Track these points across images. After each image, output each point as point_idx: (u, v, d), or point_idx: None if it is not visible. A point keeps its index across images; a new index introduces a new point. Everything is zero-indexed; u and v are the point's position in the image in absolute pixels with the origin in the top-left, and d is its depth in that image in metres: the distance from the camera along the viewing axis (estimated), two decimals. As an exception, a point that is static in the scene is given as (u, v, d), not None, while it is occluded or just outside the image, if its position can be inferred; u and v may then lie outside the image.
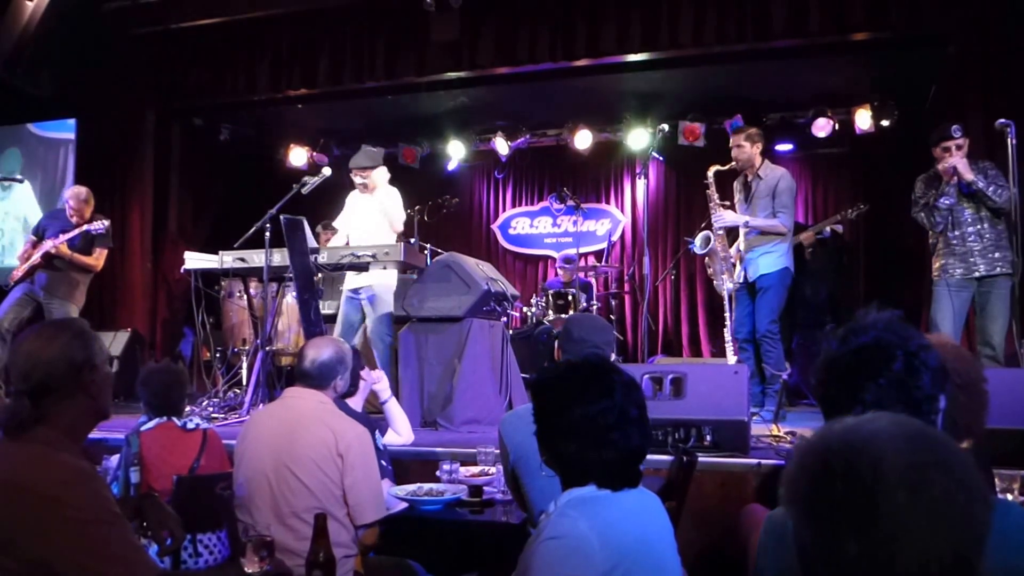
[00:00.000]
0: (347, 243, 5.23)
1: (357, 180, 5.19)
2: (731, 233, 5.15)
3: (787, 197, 4.89)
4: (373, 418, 3.45)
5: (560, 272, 7.41)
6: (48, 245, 5.52)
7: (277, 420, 2.55)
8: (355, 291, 5.06)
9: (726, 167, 5.14)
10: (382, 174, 5.22)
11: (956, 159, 4.26)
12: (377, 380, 3.50)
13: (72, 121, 7.32)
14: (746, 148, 5.00)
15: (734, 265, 5.07)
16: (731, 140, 5.13)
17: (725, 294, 5.06)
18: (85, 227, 5.52)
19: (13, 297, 5.64)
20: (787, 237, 4.92)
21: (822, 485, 0.86)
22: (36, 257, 5.56)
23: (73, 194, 5.71)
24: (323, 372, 2.61)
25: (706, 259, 5.27)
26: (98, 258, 5.68)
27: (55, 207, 6.58)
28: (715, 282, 5.22)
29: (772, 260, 4.88)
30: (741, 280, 5.00)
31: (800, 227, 6.38)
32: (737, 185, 5.18)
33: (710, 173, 5.15)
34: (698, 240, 5.20)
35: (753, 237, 4.98)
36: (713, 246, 5.11)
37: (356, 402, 3.24)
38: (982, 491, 0.86)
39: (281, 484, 2.40)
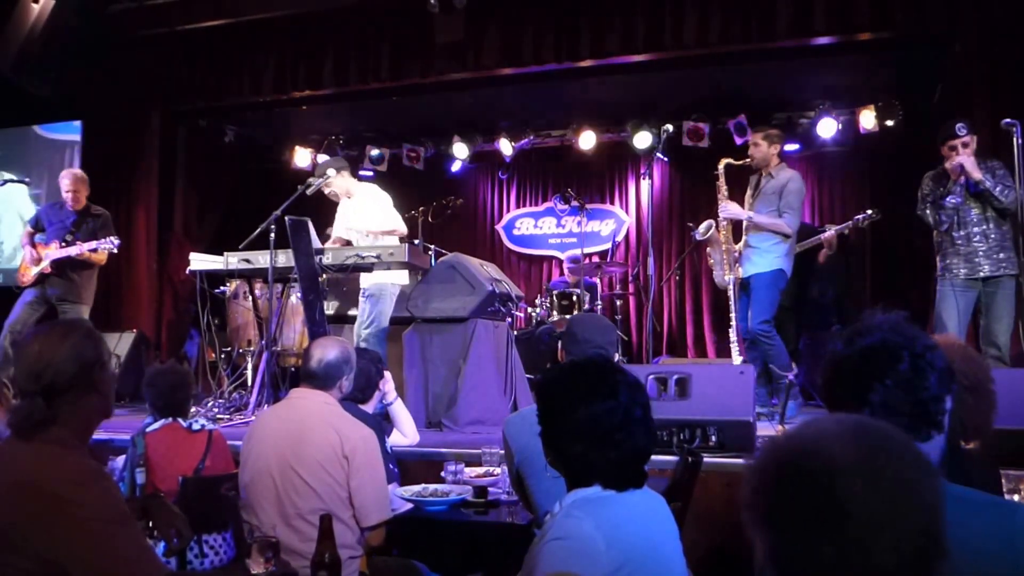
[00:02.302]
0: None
1: (326, 191, 5.15)
2: (738, 230, 5.15)
3: (794, 198, 4.87)
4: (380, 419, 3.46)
5: (567, 274, 7.40)
6: (69, 251, 5.47)
7: (283, 421, 2.55)
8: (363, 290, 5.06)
9: (738, 162, 5.14)
10: (344, 180, 5.08)
11: (964, 157, 4.24)
12: (384, 383, 3.51)
13: (78, 123, 7.34)
14: (763, 147, 5.00)
15: (736, 259, 5.07)
16: (751, 138, 5.14)
17: (729, 287, 5.06)
18: (97, 244, 5.48)
19: (25, 300, 5.57)
20: (788, 240, 4.90)
21: (782, 498, 0.87)
22: (46, 264, 5.50)
23: (69, 174, 5.65)
24: (329, 372, 2.61)
25: (708, 249, 5.27)
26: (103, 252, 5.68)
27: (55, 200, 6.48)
28: (714, 272, 5.24)
29: (768, 260, 4.86)
30: (740, 276, 5.00)
31: (806, 229, 6.37)
32: (751, 182, 5.18)
33: (721, 165, 5.17)
34: (701, 227, 5.22)
35: (752, 234, 4.97)
36: (713, 234, 5.12)
37: (368, 406, 3.25)
38: (929, 465, 0.88)
39: (286, 485, 2.40)
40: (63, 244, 5.55)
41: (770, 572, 0.90)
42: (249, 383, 5.36)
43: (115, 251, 5.61)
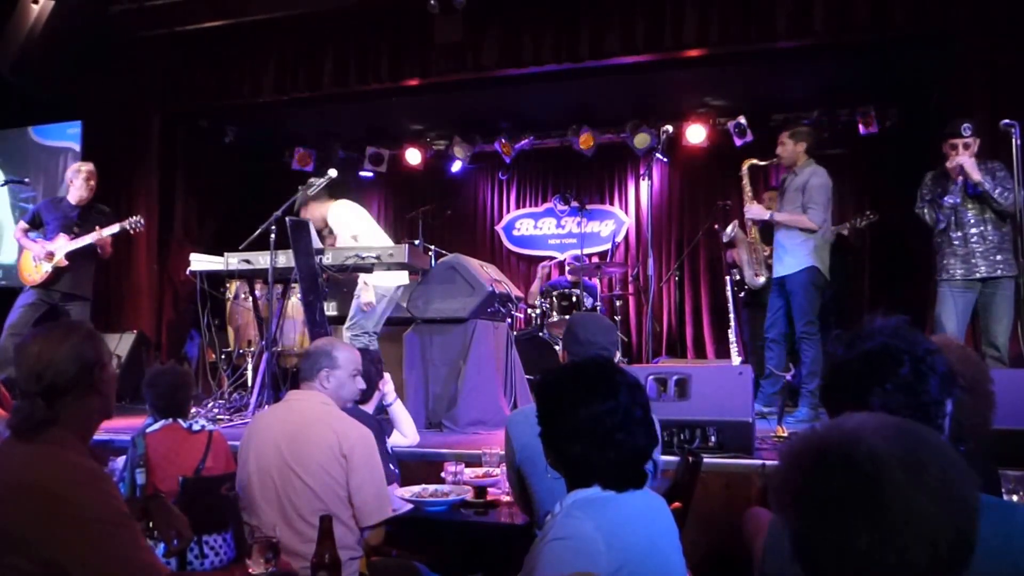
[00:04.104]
0: None
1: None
2: (770, 231, 5.15)
3: (818, 193, 4.82)
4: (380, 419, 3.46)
5: (568, 271, 7.39)
6: (86, 239, 5.39)
7: (281, 423, 2.55)
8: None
9: (763, 162, 5.14)
10: (315, 210, 4.97)
11: (964, 158, 4.24)
12: (384, 383, 3.51)
13: (73, 131, 7.31)
14: (788, 145, 4.99)
15: (766, 259, 5.08)
16: (779, 138, 5.14)
17: (728, 289, 5.09)
18: (120, 225, 5.48)
19: (26, 301, 5.46)
20: (816, 235, 4.84)
21: (822, 482, 0.87)
22: (60, 257, 5.39)
23: (86, 166, 5.58)
24: (306, 366, 2.67)
25: (738, 249, 5.28)
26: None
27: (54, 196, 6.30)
28: (745, 272, 5.25)
29: (797, 259, 4.84)
30: (773, 276, 5.01)
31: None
32: (780, 182, 5.21)
33: (745, 166, 5.18)
34: (728, 228, 5.25)
35: (780, 234, 4.96)
36: (737, 234, 5.14)
37: (367, 406, 3.26)
38: (968, 469, 0.88)
39: (287, 486, 2.41)
40: (72, 237, 5.45)
41: (792, 558, 0.89)
42: (249, 384, 5.36)
43: (141, 230, 5.58)
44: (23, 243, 5.59)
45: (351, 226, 4.98)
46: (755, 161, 5.17)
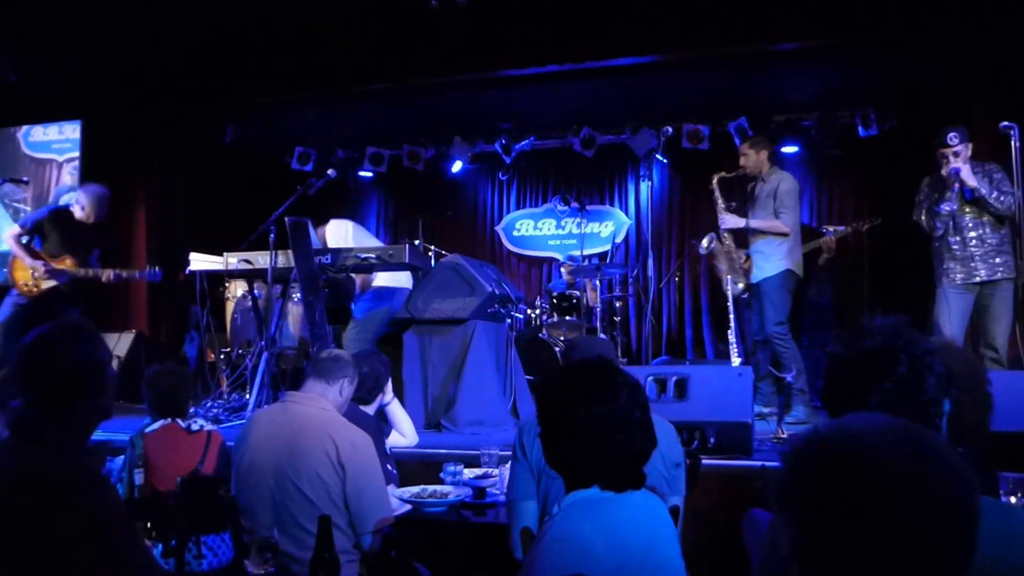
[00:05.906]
0: None
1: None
2: (742, 237, 5.19)
3: (788, 198, 4.94)
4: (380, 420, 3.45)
5: (564, 271, 7.38)
6: (104, 275, 5.42)
7: (278, 427, 2.52)
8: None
9: (731, 174, 5.20)
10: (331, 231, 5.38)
11: (958, 164, 4.25)
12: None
13: (58, 145, 7.26)
14: (751, 155, 5.09)
15: (744, 267, 5.11)
16: (740, 150, 5.21)
17: (729, 295, 5.09)
18: (141, 274, 5.57)
19: (17, 301, 5.39)
20: (790, 239, 4.93)
21: (824, 484, 0.86)
22: (63, 284, 5.35)
23: (104, 196, 5.53)
24: (335, 367, 2.63)
25: (714, 262, 5.32)
26: None
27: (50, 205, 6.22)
28: (724, 282, 5.29)
29: (773, 263, 4.93)
30: (752, 282, 5.06)
31: (806, 231, 6.38)
32: (748, 191, 5.23)
33: (714, 180, 5.24)
34: (704, 241, 5.29)
35: (756, 241, 5.03)
36: (714, 246, 5.19)
37: (370, 407, 3.25)
38: (969, 472, 0.88)
39: (283, 493, 2.39)
40: (81, 262, 5.41)
41: (791, 559, 0.89)
42: (248, 384, 5.36)
43: (158, 281, 5.63)
44: (17, 252, 5.40)
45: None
46: (723, 174, 5.27)
